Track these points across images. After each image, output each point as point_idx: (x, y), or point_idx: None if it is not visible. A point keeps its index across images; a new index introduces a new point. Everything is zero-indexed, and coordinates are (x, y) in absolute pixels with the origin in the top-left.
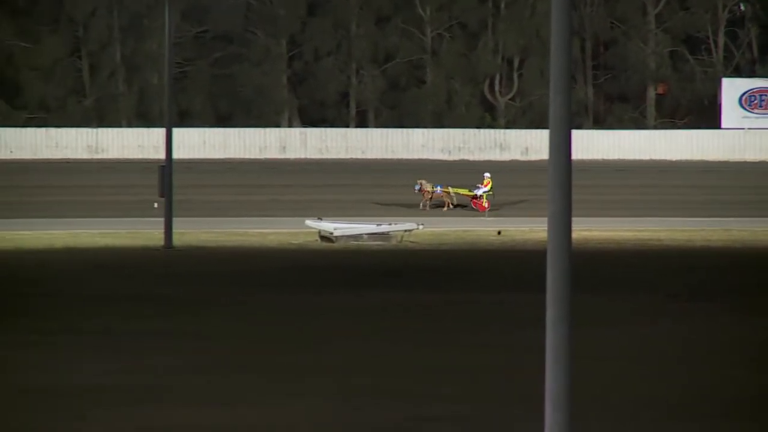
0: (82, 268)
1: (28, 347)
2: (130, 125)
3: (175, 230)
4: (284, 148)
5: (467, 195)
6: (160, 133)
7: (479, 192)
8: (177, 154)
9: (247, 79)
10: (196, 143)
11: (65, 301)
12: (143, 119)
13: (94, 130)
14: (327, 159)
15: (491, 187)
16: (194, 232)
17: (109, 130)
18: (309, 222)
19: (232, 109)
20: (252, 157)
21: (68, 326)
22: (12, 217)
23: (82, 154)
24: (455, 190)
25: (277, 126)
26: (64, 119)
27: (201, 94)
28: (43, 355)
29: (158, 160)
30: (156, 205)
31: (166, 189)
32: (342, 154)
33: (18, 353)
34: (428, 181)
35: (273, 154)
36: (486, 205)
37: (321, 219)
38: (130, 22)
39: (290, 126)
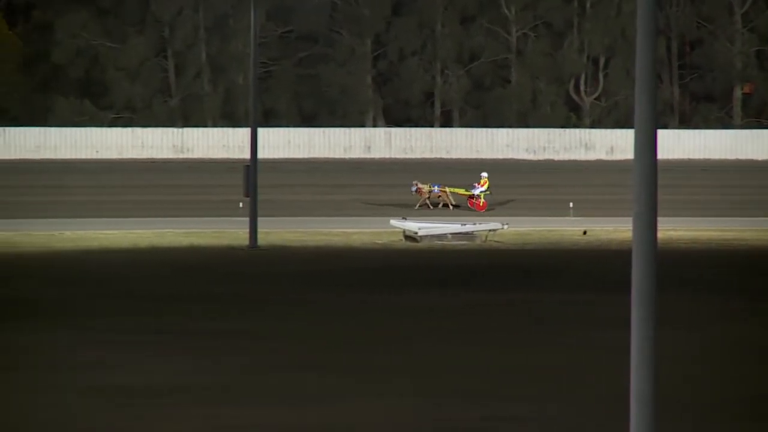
0: (166, 268)
1: (110, 347)
2: (215, 125)
3: (259, 230)
4: (369, 147)
5: (464, 195)
6: (245, 132)
7: (476, 192)
8: (262, 154)
9: (332, 78)
10: (281, 143)
11: (148, 300)
12: (228, 119)
13: (180, 129)
14: (411, 159)
15: (488, 187)
16: (279, 231)
17: (195, 129)
18: (394, 222)
19: (316, 109)
20: (337, 156)
21: (149, 326)
22: (98, 216)
23: (168, 154)
24: (452, 189)
25: (362, 126)
26: (150, 119)
27: (286, 93)
28: (124, 355)
29: (243, 160)
30: (241, 204)
31: (251, 189)
32: (426, 154)
33: (100, 353)
34: (424, 182)
35: (358, 153)
36: (483, 204)
37: (406, 218)
38: (216, 22)
39: (375, 126)
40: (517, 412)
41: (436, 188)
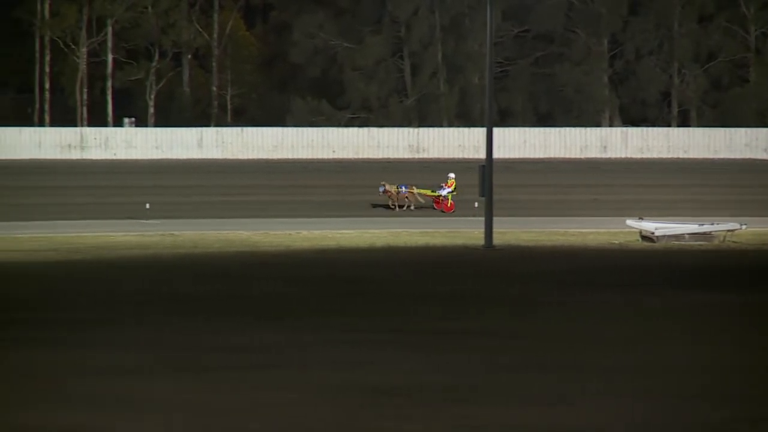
0: (402, 267)
1: (351, 346)
2: (450, 125)
3: (495, 229)
4: (605, 147)
5: (431, 195)
6: (480, 132)
7: (443, 192)
8: (497, 154)
9: (568, 78)
10: (517, 143)
11: (384, 299)
12: (464, 119)
13: (415, 129)
14: (648, 158)
15: (455, 188)
16: (514, 231)
17: (430, 129)
18: (630, 222)
19: (552, 109)
20: (572, 156)
21: (388, 325)
22: (334, 216)
23: (403, 154)
24: (419, 190)
25: (598, 125)
26: (386, 119)
27: (521, 93)
28: (365, 354)
29: (478, 160)
30: (477, 204)
31: (486, 189)
32: (663, 154)
33: (341, 352)
34: (391, 183)
35: (593, 153)
36: (451, 205)
37: (642, 219)
38: (452, 21)
39: (611, 125)
40: (764, 413)
41: (403, 189)
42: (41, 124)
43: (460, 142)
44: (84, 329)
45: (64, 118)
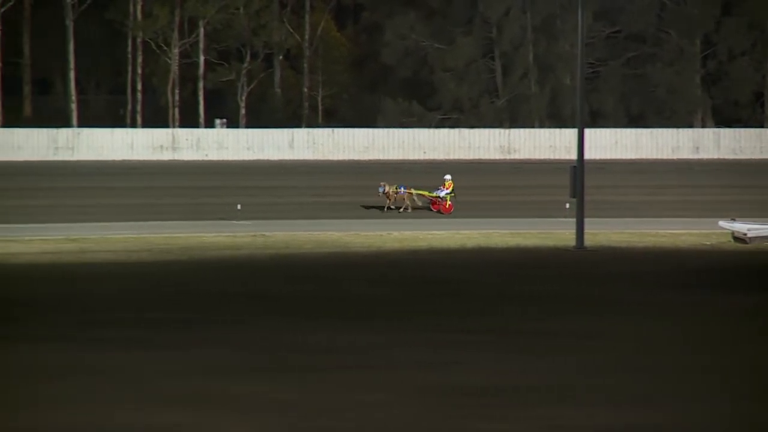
0: (493, 268)
1: (443, 346)
2: (541, 126)
3: (586, 231)
4: (697, 148)
5: (429, 197)
6: (571, 133)
7: (441, 194)
8: (588, 155)
9: (660, 78)
10: (608, 143)
11: (474, 300)
12: (555, 119)
13: (506, 130)
14: (741, 159)
15: (453, 189)
16: (605, 232)
17: (521, 130)
18: (722, 223)
19: (644, 109)
20: (664, 157)
21: (480, 326)
22: (425, 217)
23: (494, 155)
24: (417, 191)
25: (690, 126)
26: (477, 120)
27: (613, 94)
28: (457, 354)
29: (569, 161)
30: (567, 205)
31: (578, 189)
32: (756, 155)
33: (433, 352)
34: (390, 183)
35: (685, 154)
36: (449, 207)
37: (734, 220)
38: (543, 22)
39: (703, 126)
40: None
41: (402, 190)
42: (133, 125)
43: (551, 143)
44: (177, 330)
45: (155, 119)
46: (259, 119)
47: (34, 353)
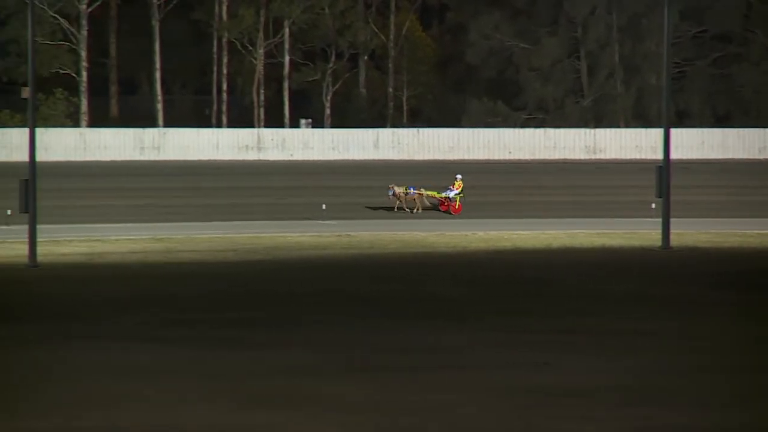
0: (577, 268)
1: (526, 347)
2: (627, 126)
3: (672, 231)
4: None
5: (438, 197)
6: (657, 133)
7: (451, 194)
8: (674, 155)
9: (746, 78)
10: (694, 143)
11: (560, 300)
12: (641, 119)
13: (592, 130)
14: None
15: (462, 189)
16: (691, 232)
17: (607, 130)
18: None
19: (730, 109)
20: (751, 157)
21: (562, 326)
22: (509, 217)
23: (580, 155)
24: (427, 192)
25: None
26: (562, 120)
27: (699, 94)
28: (540, 355)
29: (655, 161)
30: (653, 205)
31: (664, 189)
32: None
33: (516, 353)
34: (399, 185)
35: None
36: (459, 207)
37: None
38: (629, 22)
39: None
40: None
41: (412, 190)
42: (218, 125)
43: (636, 143)
44: (264, 329)
45: (240, 119)
46: (343, 119)
47: (125, 353)
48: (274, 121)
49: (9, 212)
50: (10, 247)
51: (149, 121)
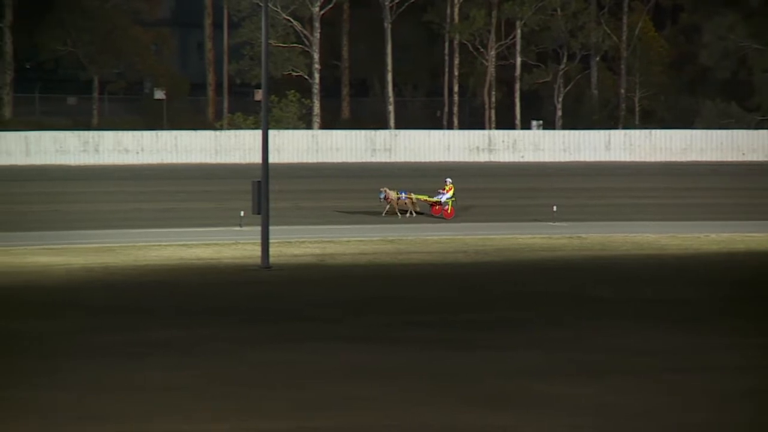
0: None
1: (755, 350)
2: None
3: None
4: None
5: (429, 201)
6: None
7: (442, 198)
8: None
9: None
10: None
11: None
12: None
13: None
14: None
15: (453, 193)
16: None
17: None
18: None
19: None
20: None
21: None
22: (743, 219)
23: None
24: (418, 196)
25: None
26: None
27: None
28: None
29: None
30: None
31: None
32: None
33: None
34: (390, 189)
35: None
36: (451, 211)
37: None
38: None
39: None
40: None
41: (403, 195)
42: (449, 126)
43: None
44: (496, 331)
45: (470, 120)
46: (574, 121)
47: (369, 353)
48: (504, 122)
49: (242, 213)
50: (243, 248)
51: (381, 123)
